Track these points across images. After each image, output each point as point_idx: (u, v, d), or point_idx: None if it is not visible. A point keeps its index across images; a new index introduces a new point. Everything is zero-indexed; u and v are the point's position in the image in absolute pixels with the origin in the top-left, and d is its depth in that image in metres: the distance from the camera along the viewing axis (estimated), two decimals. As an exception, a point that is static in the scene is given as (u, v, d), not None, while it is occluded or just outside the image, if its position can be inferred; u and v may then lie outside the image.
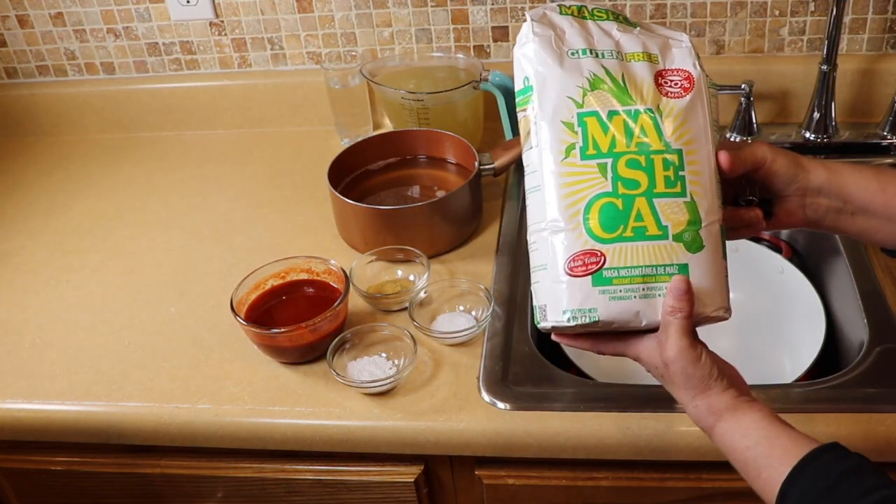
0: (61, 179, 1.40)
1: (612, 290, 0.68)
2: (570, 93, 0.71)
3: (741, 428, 0.67)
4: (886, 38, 1.28)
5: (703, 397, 0.69)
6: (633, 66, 0.72)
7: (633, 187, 0.69)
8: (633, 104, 0.70)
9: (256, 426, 0.93)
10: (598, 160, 0.69)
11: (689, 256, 0.69)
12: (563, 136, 0.70)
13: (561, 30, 0.73)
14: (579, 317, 0.69)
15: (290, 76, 1.43)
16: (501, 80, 1.26)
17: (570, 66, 0.71)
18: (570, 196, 0.69)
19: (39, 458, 1.03)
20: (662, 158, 0.69)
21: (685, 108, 0.71)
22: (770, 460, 0.65)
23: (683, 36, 0.76)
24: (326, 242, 1.18)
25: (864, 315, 0.97)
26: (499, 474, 0.94)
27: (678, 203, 0.69)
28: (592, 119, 0.70)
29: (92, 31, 1.43)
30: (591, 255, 0.68)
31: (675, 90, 0.71)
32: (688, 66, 0.73)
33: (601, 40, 0.73)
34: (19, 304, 1.13)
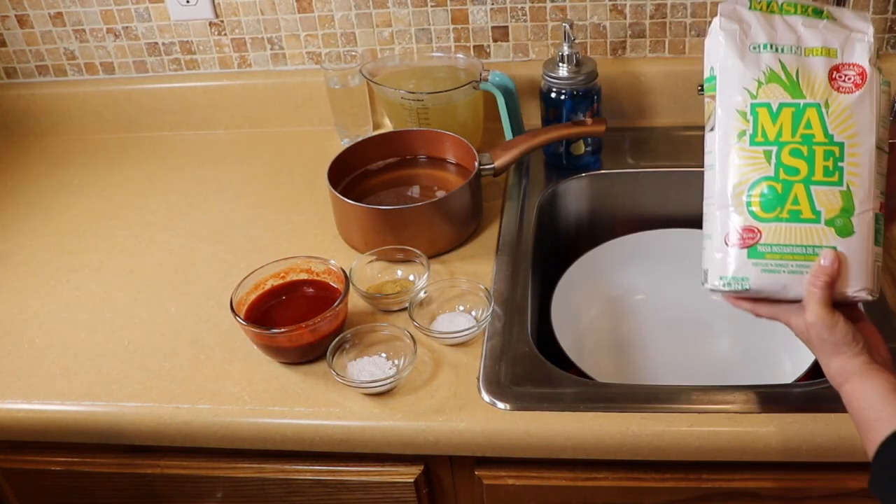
0: (61, 179, 1.40)
1: (764, 263, 0.77)
2: (747, 84, 0.78)
3: (863, 390, 0.73)
4: (886, 38, 1.28)
5: (837, 359, 0.75)
6: (810, 60, 0.78)
7: (794, 174, 0.76)
8: (802, 98, 0.77)
9: (256, 426, 0.93)
10: (765, 147, 0.77)
11: (839, 240, 0.76)
12: (736, 122, 0.78)
13: (747, 24, 0.80)
14: (733, 283, 0.78)
15: (290, 76, 1.43)
16: (501, 80, 1.26)
17: (750, 59, 0.78)
18: (738, 177, 0.77)
19: (39, 459, 1.03)
20: (824, 150, 0.76)
21: (853, 103, 0.76)
22: (877, 423, 0.70)
23: (869, 27, 0.80)
24: (326, 242, 1.18)
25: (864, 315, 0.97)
26: (499, 474, 0.94)
27: (834, 191, 0.76)
28: (764, 110, 0.77)
29: (92, 31, 1.43)
30: (750, 231, 0.77)
31: (846, 85, 0.77)
32: (863, 62, 0.78)
33: (784, 35, 0.79)
34: (19, 304, 1.13)
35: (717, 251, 0.78)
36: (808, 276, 0.76)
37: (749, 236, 0.77)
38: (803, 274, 0.76)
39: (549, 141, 1.22)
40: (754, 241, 0.76)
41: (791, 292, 0.77)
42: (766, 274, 0.76)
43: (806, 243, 0.76)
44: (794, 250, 0.76)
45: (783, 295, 0.77)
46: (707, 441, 0.85)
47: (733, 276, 0.77)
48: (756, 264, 0.76)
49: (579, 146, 1.26)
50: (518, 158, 1.20)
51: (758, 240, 0.76)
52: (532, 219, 1.18)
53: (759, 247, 0.76)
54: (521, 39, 1.36)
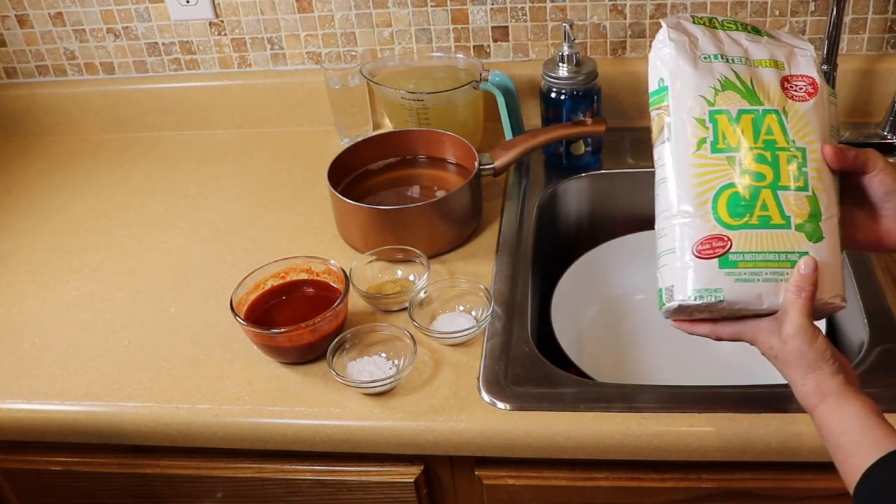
0: (61, 179, 1.40)
1: (737, 272, 0.73)
2: (703, 92, 0.76)
3: (842, 413, 0.69)
4: (886, 38, 1.28)
5: (814, 376, 0.71)
6: (760, 71, 0.78)
7: (760, 179, 0.74)
8: (760, 105, 0.76)
9: (256, 426, 0.93)
10: (728, 153, 0.75)
11: (810, 245, 0.73)
12: (695, 130, 0.76)
13: (694, 37, 0.79)
14: (705, 296, 0.73)
15: (290, 76, 1.43)
16: (501, 80, 1.26)
17: (703, 68, 0.77)
18: (700, 185, 0.75)
19: (39, 459, 1.03)
20: (787, 155, 0.75)
21: (809, 111, 0.76)
22: (859, 448, 0.67)
23: (809, 45, 0.81)
24: (326, 242, 1.18)
25: (864, 315, 0.97)
26: (499, 474, 0.94)
27: (801, 196, 0.74)
28: (723, 116, 0.76)
29: (91, 31, 1.43)
30: (719, 240, 0.73)
31: (799, 94, 0.77)
32: (812, 73, 0.78)
33: (731, 48, 0.79)
34: (19, 304, 1.13)
35: (683, 264, 0.74)
36: (790, 286, 0.72)
37: (719, 245, 0.73)
38: (778, 282, 0.73)
39: (549, 141, 1.22)
40: (725, 250, 0.73)
41: (766, 303, 0.74)
42: (739, 284, 0.73)
43: (779, 249, 0.73)
44: (767, 257, 0.73)
45: (757, 306, 0.74)
46: (707, 441, 0.85)
47: (706, 288, 0.73)
48: (729, 274, 0.73)
49: (579, 146, 1.26)
50: (518, 158, 1.20)
51: (728, 248, 0.73)
52: (532, 219, 1.18)
53: (730, 255, 0.73)
54: (521, 39, 1.36)
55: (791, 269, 0.73)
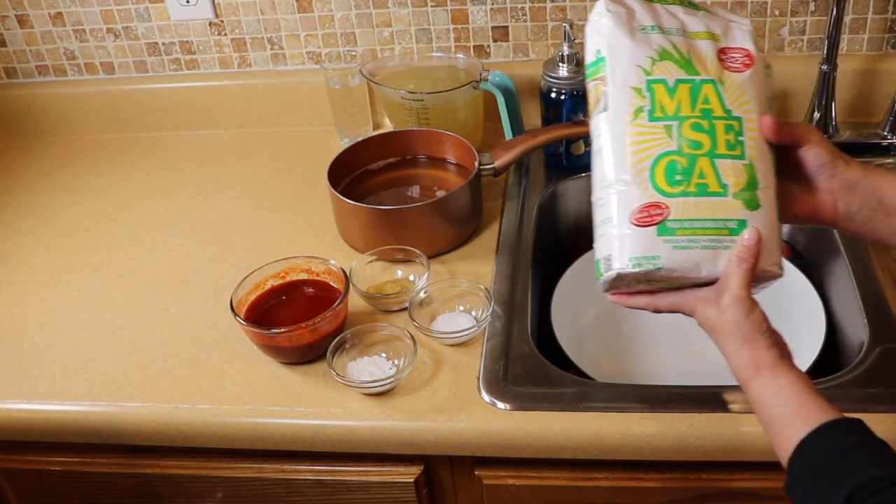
0: (61, 179, 1.40)
1: (675, 239, 0.72)
2: (640, 62, 0.76)
3: (776, 385, 0.70)
4: (886, 38, 1.28)
5: (749, 348, 0.71)
6: (697, 42, 0.78)
7: (697, 147, 0.74)
8: (697, 75, 0.76)
9: (256, 426, 0.93)
10: (665, 122, 0.74)
11: (748, 213, 0.73)
12: (632, 99, 0.75)
13: (631, 9, 0.79)
14: (643, 263, 0.72)
15: (290, 76, 1.43)
16: (501, 80, 1.26)
17: (640, 39, 0.77)
18: (638, 154, 0.74)
19: (39, 459, 1.03)
20: (724, 124, 0.74)
21: (745, 82, 0.76)
22: (793, 420, 0.67)
23: (746, 20, 0.81)
24: (326, 242, 1.18)
25: (864, 315, 0.97)
26: (499, 474, 0.94)
27: (738, 165, 0.74)
28: (660, 86, 0.75)
29: (91, 31, 1.43)
30: (657, 207, 0.72)
31: (735, 65, 0.77)
32: (748, 46, 0.78)
33: (668, 20, 0.79)
34: (19, 304, 1.13)
35: (621, 232, 0.73)
36: (732, 256, 0.72)
37: (657, 212, 0.72)
38: (716, 249, 0.72)
39: (549, 141, 1.22)
40: (663, 217, 0.72)
41: (704, 270, 0.73)
42: (677, 251, 0.72)
43: (717, 217, 0.72)
44: (705, 224, 0.72)
45: (695, 274, 0.73)
46: (707, 441, 0.85)
47: (644, 256, 0.72)
48: (667, 241, 0.72)
49: (579, 146, 1.26)
50: (518, 158, 1.20)
51: (666, 216, 0.72)
52: (532, 219, 1.18)
53: (668, 223, 0.72)
54: (521, 39, 1.36)
55: (729, 236, 0.72)
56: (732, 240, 0.73)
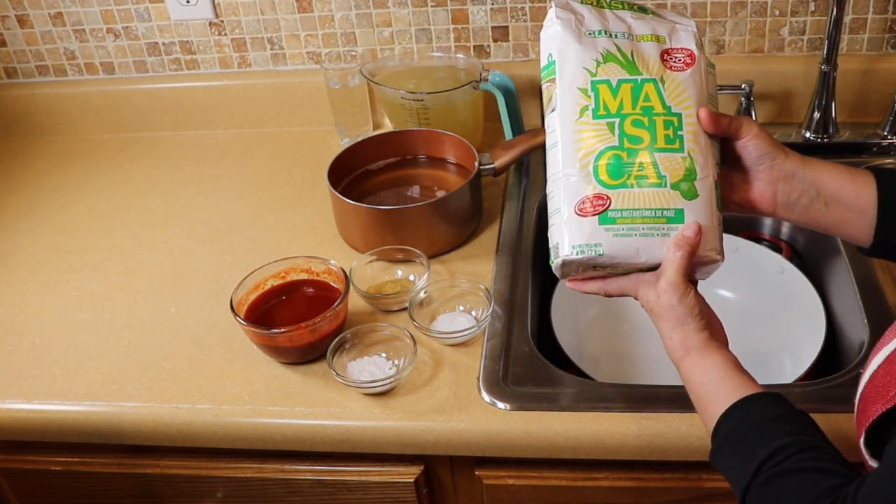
0: (61, 179, 1.40)
1: (616, 228, 0.77)
2: (586, 64, 0.81)
3: (703, 365, 0.74)
4: (886, 38, 1.28)
5: (680, 330, 0.76)
6: (642, 45, 0.82)
7: (637, 142, 0.78)
8: (639, 74, 0.80)
9: (256, 426, 0.93)
10: (608, 119, 0.79)
11: (686, 203, 0.77)
12: (578, 99, 0.80)
13: (581, 15, 0.83)
14: (586, 250, 0.77)
15: (290, 76, 1.43)
16: (501, 80, 1.26)
17: (587, 43, 0.81)
18: (583, 149, 0.79)
19: (39, 459, 1.03)
20: (664, 120, 0.79)
21: (686, 80, 0.80)
22: (717, 396, 0.71)
23: (691, 22, 0.85)
24: (326, 242, 1.18)
25: (864, 315, 0.97)
26: (499, 474, 0.94)
27: (676, 157, 0.78)
28: (604, 86, 0.80)
29: (91, 31, 1.43)
30: (599, 199, 0.78)
31: (677, 65, 0.81)
32: (691, 46, 0.83)
33: (615, 24, 0.83)
34: (19, 304, 1.13)
35: (567, 222, 0.79)
36: (671, 244, 0.76)
37: (599, 203, 0.77)
38: (655, 237, 0.77)
39: (549, 141, 1.22)
40: (605, 208, 0.77)
41: (643, 256, 0.78)
42: (618, 239, 0.77)
43: (655, 206, 0.77)
44: (644, 213, 0.77)
45: (636, 260, 0.78)
46: (707, 441, 0.85)
47: (586, 243, 0.77)
48: (608, 230, 0.77)
49: (579, 146, 1.26)
50: (518, 158, 1.20)
51: (608, 206, 0.77)
52: (532, 219, 1.18)
53: (609, 213, 0.77)
54: (521, 39, 1.36)
55: (667, 224, 0.77)
56: (671, 227, 0.77)
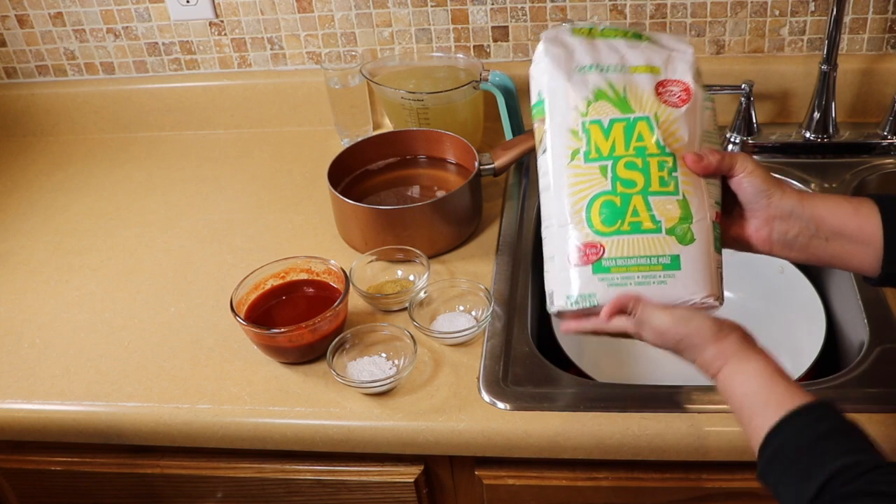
0: (61, 179, 1.40)
1: (610, 277, 0.75)
2: (577, 104, 0.78)
3: (743, 374, 0.70)
4: (886, 38, 1.28)
5: (712, 343, 0.72)
6: (635, 77, 0.79)
7: (631, 186, 0.76)
8: (632, 113, 0.77)
9: (256, 426, 0.93)
10: (600, 162, 0.77)
11: (681, 248, 0.75)
12: (569, 141, 0.78)
13: (571, 48, 0.81)
14: (580, 301, 0.76)
15: (290, 76, 1.43)
16: (501, 80, 1.26)
17: (578, 80, 0.79)
18: (575, 194, 0.77)
19: (39, 459, 1.03)
20: (658, 161, 0.76)
21: (681, 117, 0.78)
22: (763, 409, 0.68)
23: (689, 48, 0.82)
24: (326, 242, 1.18)
25: (864, 315, 0.97)
26: (499, 474, 0.94)
27: (671, 200, 0.76)
28: (595, 126, 0.77)
29: (92, 31, 1.43)
30: (592, 247, 0.76)
31: (672, 100, 0.78)
32: (687, 80, 0.79)
33: (608, 56, 0.80)
34: (19, 304, 1.13)
35: (561, 271, 0.77)
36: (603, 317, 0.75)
37: (592, 252, 0.75)
38: (651, 285, 0.75)
39: (549, 141, 1.22)
40: (598, 257, 0.75)
41: None
42: (613, 288, 0.75)
43: (650, 254, 0.75)
44: (639, 262, 0.75)
45: None
46: (707, 441, 0.85)
47: (580, 294, 0.76)
48: (602, 279, 0.75)
49: (579, 146, 1.26)
50: (518, 158, 1.20)
51: (601, 255, 0.75)
52: (532, 219, 1.18)
53: (603, 261, 0.75)
54: (521, 39, 1.36)
55: (662, 271, 0.75)
56: (667, 274, 0.75)
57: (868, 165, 1.23)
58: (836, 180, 1.20)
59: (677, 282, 0.75)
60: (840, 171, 1.22)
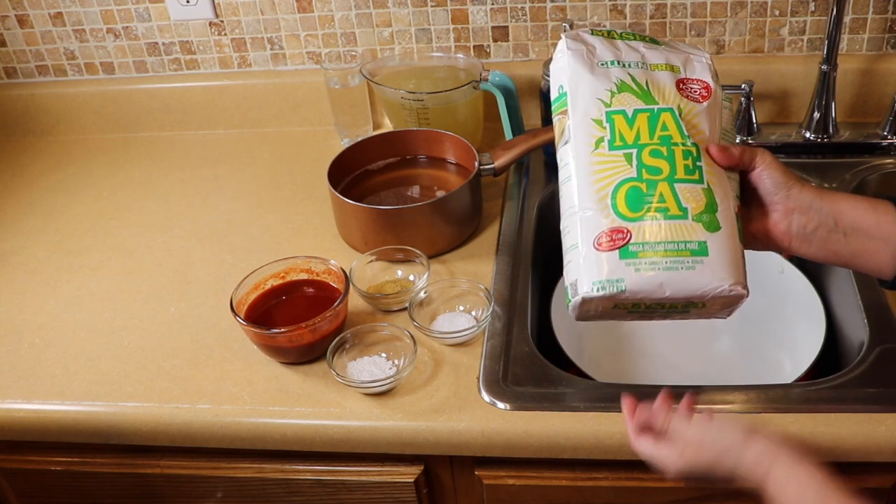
0: (61, 179, 1.40)
1: (637, 262, 0.74)
2: (600, 95, 0.79)
3: (798, 480, 0.68)
4: (886, 38, 1.28)
5: (750, 448, 0.71)
6: (656, 74, 0.80)
7: (656, 173, 0.76)
8: (655, 104, 0.78)
9: (256, 426, 0.93)
10: (625, 150, 0.77)
11: (708, 235, 0.75)
12: (593, 131, 0.78)
13: (592, 46, 0.82)
14: (607, 286, 0.74)
15: (290, 76, 1.43)
16: (501, 80, 1.26)
17: (600, 73, 0.80)
18: (599, 181, 0.77)
19: (39, 458, 1.03)
20: (682, 150, 0.77)
21: (703, 112, 0.79)
22: None
23: (705, 53, 0.84)
24: (326, 242, 1.18)
25: (864, 315, 0.97)
26: (499, 474, 0.94)
27: (697, 189, 0.76)
28: (619, 116, 0.78)
29: (92, 31, 1.43)
30: (619, 232, 0.75)
31: (694, 96, 0.79)
32: (706, 78, 0.81)
33: (628, 54, 0.82)
34: (19, 303, 1.13)
35: (585, 258, 0.76)
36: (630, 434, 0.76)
37: (619, 237, 0.75)
38: (679, 270, 0.74)
39: (549, 141, 1.22)
40: (625, 242, 0.74)
41: (668, 290, 0.74)
42: (640, 273, 0.74)
43: (678, 239, 0.75)
44: (666, 247, 0.74)
45: (659, 294, 0.75)
46: (707, 441, 0.85)
47: (607, 279, 0.74)
48: (629, 264, 0.74)
49: (579, 146, 1.25)
50: (518, 158, 1.20)
51: (628, 240, 0.74)
52: (532, 219, 1.18)
53: (630, 246, 0.74)
54: (521, 39, 1.36)
55: (690, 257, 0.74)
56: (696, 260, 0.74)
57: (868, 165, 1.23)
58: (836, 180, 1.20)
59: (705, 268, 0.74)
60: (840, 171, 1.22)
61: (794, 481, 0.68)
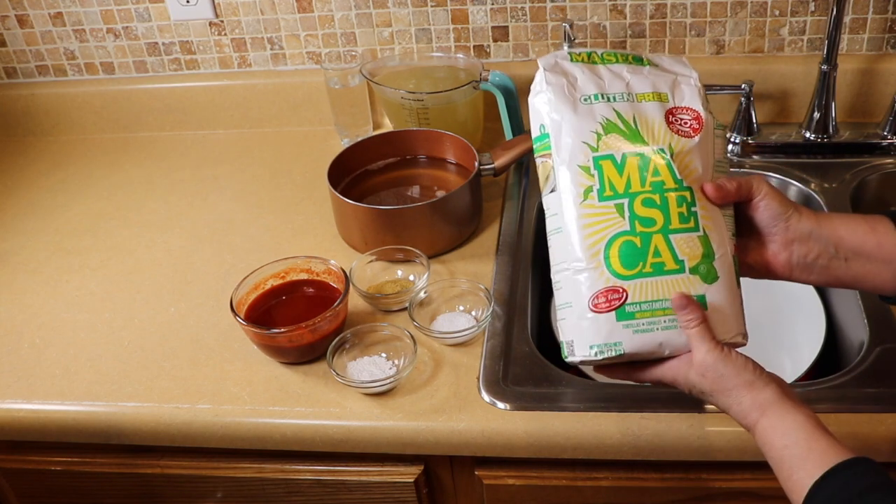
0: (61, 179, 1.40)
1: (635, 323, 0.71)
2: (585, 138, 0.74)
3: (783, 426, 0.68)
4: (886, 38, 1.28)
5: (747, 392, 0.70)
6: (644, 106, 0.75)
7: (650, 225, 0.72)
8: (645, 145, 0.74)
9: (256, 426, 0.93)
10: (616, 201, 0.72)
11: (706, 287, 0.72)
12: (580, 179, 0.73)
13: (573, 77, 0.76)
14: (605, 350, 0.72)
15: (290, 76, 1.43)
16: (501, 80, 1.26)
17: (584, 111, 0.74)
18: (591, 236, 0.72)
19: (39, 458, 1.03)
20: (676, 196, 0.73)
21: (694, 148, 0.75)
22: (804, 462, 0.66)
23: (693, 72, 0.79)
24: (326, 242, 1.18)
25: (864, 315, 0.97)
26: (499, 474, 0.94)
27: (692, 238, 0.72)
28: (608, 162, 0.73)
29: (92, 31, 1.43)
30: (614, 292, 0.71)
31: (685, 129, 0.75)
32: (697, 106, 0.76)
33: (612, 83, 0.76)
34: (19, 304, 1.13)
35: (580, 319, 0.73)
36: (680, 322, 0.71)
37: (615, 297, 0.71)
38: (678, 328, 0.72)
39: (549, 141, 1.22)
40: (621, 302, 0.71)
41: (667, 349, 0.72)
42: (639, 335, 0.71)
43: None
44: (664, 305, 0.71)
45: (660, 353, 0.73)
46: (707, 441, 0.85)
47: (605, 343, 0.72)
48: (627, 326, 0.71)
49: (579, 146, 1.25)
50: (518, 158, 1.20)
51: (624, 300, 0.71)
52: (532, 219, 1.18)
53: (626, 307, 0.71)
54: (521, 39, 1.36)
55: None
56: None
57: (868, 165, 1.23)
58: (836, 180, 1.20)
59: None
60: (840, 171, 1.22)
61: (779, 431, 0.68)
